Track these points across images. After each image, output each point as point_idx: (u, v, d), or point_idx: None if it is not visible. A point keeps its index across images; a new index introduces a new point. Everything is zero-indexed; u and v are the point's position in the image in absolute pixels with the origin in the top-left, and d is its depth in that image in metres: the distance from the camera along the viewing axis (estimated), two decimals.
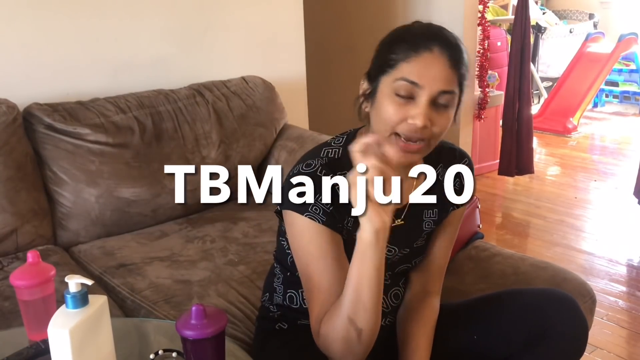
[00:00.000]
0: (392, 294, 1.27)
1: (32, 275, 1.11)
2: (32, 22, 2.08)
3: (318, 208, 1.06)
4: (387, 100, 1.04)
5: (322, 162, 1.10)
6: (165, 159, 2.05)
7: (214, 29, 2.50)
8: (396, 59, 1.03)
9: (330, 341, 1.04)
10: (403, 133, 1.03)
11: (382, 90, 1.05)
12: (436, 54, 1.02)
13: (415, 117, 1.01)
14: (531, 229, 3.26)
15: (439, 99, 1.03)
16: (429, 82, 1.01)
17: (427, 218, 1.22)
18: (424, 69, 1.01)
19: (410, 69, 1.01)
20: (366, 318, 1.00)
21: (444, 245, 1.28)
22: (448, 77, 1.02)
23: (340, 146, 1.15)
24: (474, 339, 1.25)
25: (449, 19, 3.65)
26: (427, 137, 1.04)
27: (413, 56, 1.02)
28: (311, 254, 1.08)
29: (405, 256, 1.22)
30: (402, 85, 1.02)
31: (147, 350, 1.11)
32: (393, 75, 1.03)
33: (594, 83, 5.10)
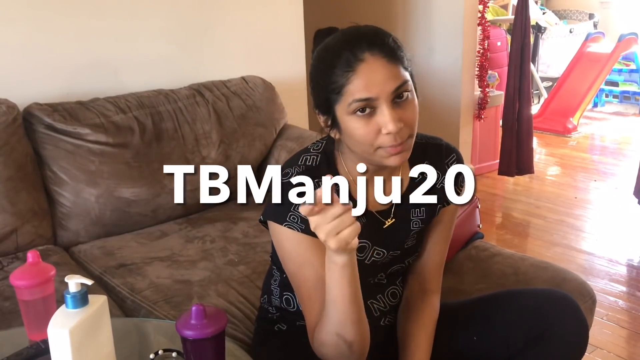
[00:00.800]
0: (389, 292, 1.26)
1: (32, 275, 1.11)
2: (32, 22, 2.08)
3: (295, 216, 1.06)
4: (352, 123, 1.02)
5: (298, 171, 1.10)
6: (165, 159, 2.05)
7: (214, 29, 2.50)
8: (338, 85, 1.01)
9: (324, 352, 1.04)
10: (385, 145, 1.02)
11: (341, 117, 1.03)
12: (370, 61, 0.99)
13: (387, 125, 0.99)
14: (531, 229, 3.26)
15: (397, 94, 1.01)
16: (380, 89, 0.99)
17: (415, 217, 1.20)
18: (368, 81, 0.99)
19: (356, 87, 0.99)
20: (354, 330, 1.00)
21: (438, 243, 1.26)
22: (393, 73, 1.00)
23: (318, 153, 1.15)
24: (473, 340, 1.25)
25: (449, 19, 3.65)
26: (407, 133, 1.03)
27: (351, 75, 0.99)
28: (294, 262, 1.09)
29: (397, 257, 1.21)
30: (357, 106, 1.00)
31: (147, 350, 1.11)
32: (344, 101, 1.01)
33: (594, 83, 5.10)
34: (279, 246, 1.11)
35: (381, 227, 1.17)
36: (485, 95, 3.80)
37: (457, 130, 3.76)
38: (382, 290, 1.25)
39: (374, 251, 1.17)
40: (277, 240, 1.11)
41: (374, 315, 1.24)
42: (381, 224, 1.17)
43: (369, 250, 1.16)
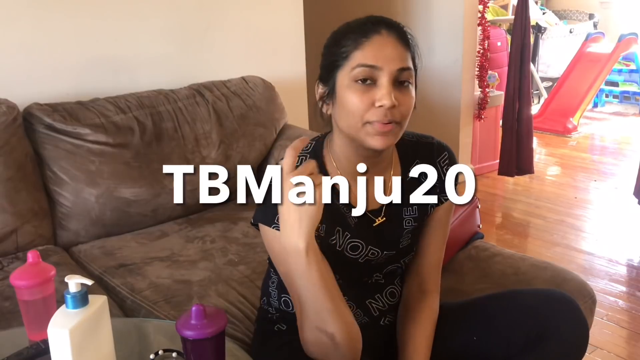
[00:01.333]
0: (387, 292, 1.26)
1: (32, 275, 1.11)
2: (32, 22, 2.08)
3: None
4: (349, 91, 1.03)
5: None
6: (165, 159, 2.05)
7: (214, 29, 2.50)
8: (347, 50, 1.04)
9: (312, 352, 1.05)
10: (374, 119, 1.02)
11: (340, 84, 1.05)
12: (385, 35, 1.03)
13: (382, 98, 1.01)
14: (531, 229, 3.26)
15: (399, 77, 1.03)
16: (386, 62, 1.02)
17: (407, 216, 1.20)
18: (378, 51, 1.02)
19: (365, 54, 1.02)
20: (333, 320, 1.00)
21: (434, 243, 1.26)
22: (402, 55, 1.03)
23: (307, 154, 1.16)
24: (473, 340, 1.25)
25: (449, 19, 3.65)
26: (398, 118, 1.03)
27: (364, 42, 1.03)
28: (283, 263, 1.08)
29: (392, 257, 1.21)
30: (360, 72, 1.02)
31: (147, 350, 1.11)
32: (349, 66, 1.03)
33: (594, 83, 5.10)
34: (269, 248, 1.11)
35: (371, 225, 1.17)
36: (485, 96, 3.80)
37: (457, 130, 3.76)
38: (380, 289, 1.25)
39: (369, 251, 1.16)
40: (266, 242, 1.11)
41: (373, 315, 1.25)
42: (371, 222, 1.17)
43: (364, 249, 1.16)
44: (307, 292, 0.99)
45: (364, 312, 1.23)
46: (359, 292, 1.21)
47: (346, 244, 1.15)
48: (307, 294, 0.99)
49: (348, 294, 1.16)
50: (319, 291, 0.99)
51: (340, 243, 1.14)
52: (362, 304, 1.22)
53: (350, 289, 1.16)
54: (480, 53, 3.74)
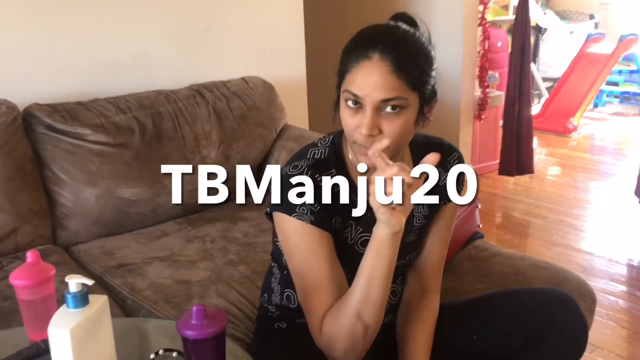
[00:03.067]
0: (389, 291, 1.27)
1: (32, 275, 1.11)
2: (32, 22, 2.08)
3: (305, 208, 1.07)
4: (343, 109, 1.06)
5: (308, 164, 1.12)
6: (165, 159, 2.05)
7: (214, 29, 2.50)
8: (344, 70, 1.05)
9: (336, 338, 1.05)
10: (358, 142, 1.04)
11: (341, 100, 1.07)
12: (375, 61, 1.00)
13: (361, 126, 1.02)
14: (531, 229, 3.26)
15: (385, 106, 1.01)
16: (369, 92, 1.00)
17: (418, 213, 1.22)
18: (363, 80, 1.01)
19: (352, 80, 1.02)
20: (374, 313, 1.02)
21: (438, 242, 1.27)
22: (389, 84, 1.00)
23: (326, 147, 1.16)
24: (473, 339, 1.25)
25: (449, 19, 3.65)
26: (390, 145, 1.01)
27: (354, 67, 1.02)
28: (302, 253, 1.09)
29: (399, 252, 1.22)
30: (348, 97, 1.03)
31: (148, 350, 1.11)
32: (343, 87, 1.05)
33: (594, 83, 5.11)
34: (285, 238, 1.12)
35: None
36: (485, 96, 3.80)
37: (457, 131, 3.76)
38: None
39: None
40: (284, 232, 1.11)
41: None
42: None
43: None
44: (366, 276, 1.01)
45: None
46: None
47: (357, 238, 1.16)
48: (365, 279, 1.01)
49: None
50: (376, 281, 1.01)
51: (351, 237, 1.15)
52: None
53: None
54: (480, 53, 3.74)
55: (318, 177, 1.09)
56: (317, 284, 1.08)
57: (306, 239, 1.09)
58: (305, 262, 1.09)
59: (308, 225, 1.07)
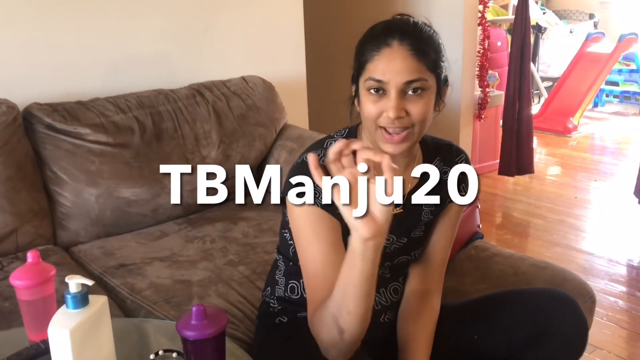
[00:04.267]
0: (391, 288, 1.28)
1: (32, 275, 1.11)
2: (32, 22, 2.07)
3: (318, 192, 1.08)
4: (365, 98, 1.10)
5: (324, 151, 1.13)
6: (165, 159, 2.05)
7: (213, 29, 2.50)
8: (364, 59, 1.10)
9: (318, 331, 1.06)
10: (384, 125, 1.08)
11: (361, 90, 1.11)
12: (395, 48, 1.06)
13: (388, 110, 1.07)
14: (531, 229, 3.26)
15: (408, 88, 1.07)
16: (392, 76, 1.06)
17: (427, 208, 1.24)
18: (386, 65, 1.06)
19: (374, 68, 1.07)
20: (349, 321, 0.99)
21: (442, 240, 1.28)
22: (411, 67, 1.06)
23: (342, 137, 1.20)
24: (474, 339, 1.26)
25: (449, 19, 3.65)
26: (408, 125, 1.08)
27: (375, 55, 1.08)
28: (308, 236, 1.12)
29: (404, 247, 1.23)
30: (371, 84, 1.08)
31: (147, 351, 1.11)
32: (364, 76, 1.10)
33: (594, 83, 5.10)
34: (296, 219, 1.13)
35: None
36: (485, 95, 3.80)
37: (457, 130, 3.76)
38: (384, 284, 1.27)
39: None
40: (295, 213, 1.13)
41: (375, 308, 1.25)
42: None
43: None
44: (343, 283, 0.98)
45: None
46: None
47: None
48: (343, 285, 0.98)
49: None
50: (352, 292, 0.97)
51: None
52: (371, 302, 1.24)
53: None
54: (480, 53, 3.74)
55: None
56: (317, 269, 1.10)
57: (314, 222, 1.11)
58: (309, 243, 1.12)
59: (317, 208, 1.10)
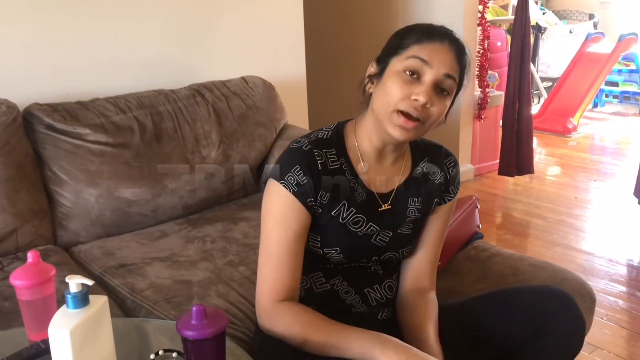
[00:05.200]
0: (386, 285, 1.29)
1: (33, 275, 1.11)
2: (32, 22, 2.08)
3: (293, 178, 1.14)
4: (395, 78, 1.11)
5: (310, 140, 1.19)
6: (165, 159, 2.05)
7: (214, 29, 2.50)
8: (409, 42, 1.12)
9: (275, 326, 1.14)
10: (404, 109, 1.10)
11: (390, 69, 1.13)
12: (446, 45, 1.11)
13: (420, 94, 1.09)
14: (531, 229, 3.26)
15: (442, 83, 1.11)
16: (437, 63, 1.10)
17: (412, 206, 1.26)
18: (434, 53, 1.10)
19: (422, 50, 1.10)
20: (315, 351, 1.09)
21: (432, 240, 1.31)
22: (453, 66, 1.11)
23: (330, 130, 1.23)
24: (472, 336, 1.26)
25: (449, 19, 3.65)
26: (424, 117, 1.11)
27: (426, 40, 1.11)
28: (276, 218, 1.16)
29: (390, 242, 1.24)
30: (412, 62, 1.10)
31: (148, 351, 1.11)
32: (404, 55, 1.11)
33: (594, 83, 5.11)
34: (266, 202, 1.18)
35: (377, 209, 1.23)
36: (485, 96, 3.80)
37: (457, 130, 3.76)
38: (379, 281, 1.28)
39: (369, 227, 1.22)
40: (268, 197, 1.18)
41: (371, 304, 1.28)
42: (378, 206, 1.23)
43: (364, 224, 1.21)
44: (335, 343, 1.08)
45: (362, 299, 1.26)
46: (358, 279, 1.26)
47: (350, 217, 1.20)
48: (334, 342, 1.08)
49: (348, 278, 1.24)
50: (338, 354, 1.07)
51: (344, 216, 1.19)
52: (360, 291, 1.26)
53: (350, 272, 1.24)
54: (480, 53, 3.74)
55: (317, 151, 1.16)
56: (278, 254, 1.15)
57: (283, 205, 1.15)
58: (275, 226, 1.16)
59: (290, 195, 1.14)
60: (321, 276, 1.24)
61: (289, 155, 1.17)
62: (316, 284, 1.24)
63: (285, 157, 1.18)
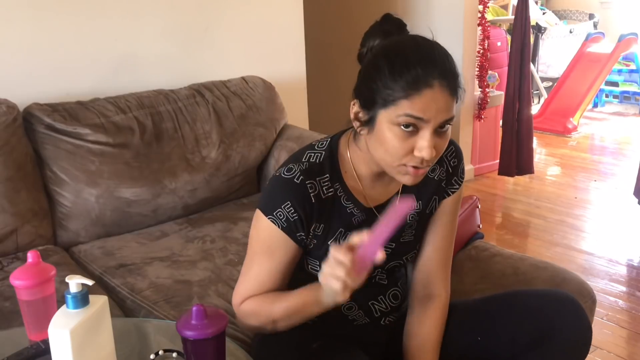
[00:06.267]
0: (390, 294, 1.27)
1: (33, 275, 1.11)
2: (32, 22, 2.08)
3: (282, 214, 1.11)
4: (390, 133, 1.02)
5: (301, 168, 1.12)
6: (165, 159, 2.05)
7: (214, 29, 2.50)
8: (396, 96, 1.00)
9: (249, 321, 1.17)
10: (411, 164, 1.03)
11: (381, 122, 1.03)
12: (437, 89, 0.99)
13: (422, 149, 1.01)
14: (531, 229, 3.26)
15: (443, 125, 1.03)
16: (433, 116, 1.00)
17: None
18: (427, 105, 0.99)
19: (413, 106, 0.99)
20: (288, 325, 1.13)
21: (439, 239, 1.26)
22: (449, 106, 1.01)
23: (322, 150, 1.16)
24: (477, 340, 1.25)
25: (449, 19, 3.65)
26: (433, 159, 1.04)
27: (414, 94, 0.99)
28: (262, 248, 1.15)
29: (393, 252, 1.21)
30: (406, 120, 1.00)
31: (148, 350, 1.11)
32: (394, 112, 1.00)
33: (594, 83, 5.10)
34: (255, 231, 1.16)
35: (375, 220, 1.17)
36: (485, 96, 3.80)
37: (457, 130, 3.76)
38: (383, 291, 1.26)
39: None
40: (256, 226, 1.16)
41: (374, 315, 1.25)
42: (375, 218, 1.18)
43: None
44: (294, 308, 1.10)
45: (366, 313, 1.24)
46: (363, 294, 1.21)
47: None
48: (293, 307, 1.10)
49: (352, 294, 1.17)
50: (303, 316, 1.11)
51: (342, 242, 1.14)
52: (364, 305, 1.23)
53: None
54: (480, 53, 3.74)
55: (309, 183, 1.11)
56: (258, 276, 1.15)
57: (270, 239, 1.13)
58: (261, 255, 1.15)
59: (278, 230, 1.11)
60: None
61: (280, 188, 1.11)
62: None
63: (276, 188, 1.12)
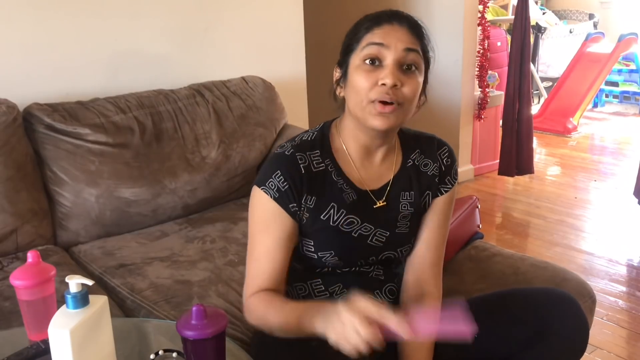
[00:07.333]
0: (387, 289, 1.27)
1: (32, 275, 1.11)
2: (32, 22, 2.08)
3: (274, 184, 1.14)
4: (358, 71, 1.10)
5: (293, 144, 1.19)
6: (165, 159, 2.05)
7: (214, 29, 2.50)
8: (360, 35, 1.12)
9: (249, 315, 1.18)
10: (376, 97, 1.08)
11: (352, 66, 1.12)
12: (396, 24, 1.10)
13: (385, 77, 1.07)
14: (531, 229, 3.26)
15: (405, 59, 1.09)
16: (393, 42, 1.08)
17: (404, 200, 1.23)
18: (387, 34, 1.09)
19: (374, 36, 1.10)
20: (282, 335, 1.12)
21: (433, 237, 1.27)
22: (410, 39, 1.10)
23: (315, 132, 1.22)
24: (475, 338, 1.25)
25: (449, 19, 3.65)
26: (400, 99, 1.08)
27: (375, 28, 1.10)
28: (258, 225, 1.17)
29: (387, 241, 1.22)
30: (369, 50, 1.09)
31: (148, 350, 1.11)
32: (360, 47, 1.11)
33: (594, 83, 5.10)
34: (251, 208, 1.19)
35: (372, 206, 1.21)
36: (485, 96, 3.80)
37: (457, 130, 3.76)
38: (380, 286, 1.27)
39: (362, 226, 1.20)
40: (252, 203, 1.18)
41: None
42: (372, 204, 1.21)
43: (358, 224, 1.20)
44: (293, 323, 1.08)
45: None
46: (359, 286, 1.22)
47: (342, 219, 1.18)
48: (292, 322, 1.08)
49: (348, 286, 1.22)
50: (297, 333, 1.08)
51: (335, 218, 1.18)
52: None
53: (349, 279, 1.22)
54: (480, 53, 3.74)
55: (299, 155, 1.16)
56: (259, 257, 1.16)
57: (265, 211, 1.15)
58: (260, 234, 1.16)
59: (271, 200, 1.14)
60: (320, 283, 1.23)
61: (271, 161, 1.17)
62: (315, 291, 1.23)
63: (267, 162, 1.18)
